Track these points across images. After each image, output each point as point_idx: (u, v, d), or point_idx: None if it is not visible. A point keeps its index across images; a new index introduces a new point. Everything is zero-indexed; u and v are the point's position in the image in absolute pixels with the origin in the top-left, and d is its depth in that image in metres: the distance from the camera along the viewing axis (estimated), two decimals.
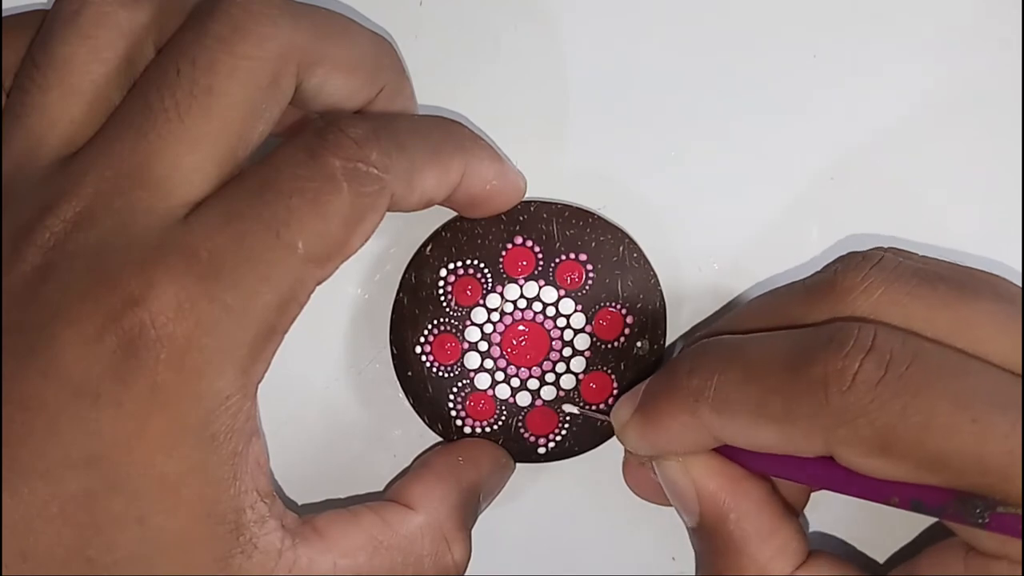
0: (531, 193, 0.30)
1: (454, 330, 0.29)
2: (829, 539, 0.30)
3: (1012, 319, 0.24)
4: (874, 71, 0.30)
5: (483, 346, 0.29)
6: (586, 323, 0.29)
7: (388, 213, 0.25)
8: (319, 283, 0.24)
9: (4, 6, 0.30)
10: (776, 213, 0.30)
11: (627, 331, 0.29)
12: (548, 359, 0.29)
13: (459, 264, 0.29)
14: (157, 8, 0.25)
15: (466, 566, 0.27)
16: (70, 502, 0.22)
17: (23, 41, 0.25)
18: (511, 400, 0.29)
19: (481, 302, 0.29)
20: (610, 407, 0.29)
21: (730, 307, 0.30)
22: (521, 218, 0.29)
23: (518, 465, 0.30)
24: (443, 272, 0.29)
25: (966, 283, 0.24)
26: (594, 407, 0.29)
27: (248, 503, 0.24)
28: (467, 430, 0.29)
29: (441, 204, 0.28)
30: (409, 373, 0.29)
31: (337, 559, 0.25)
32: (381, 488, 0.30)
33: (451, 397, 0.29)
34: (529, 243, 0.29)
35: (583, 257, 0.29)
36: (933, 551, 0.25)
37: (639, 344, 0.29)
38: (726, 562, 0.26)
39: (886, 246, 0.26)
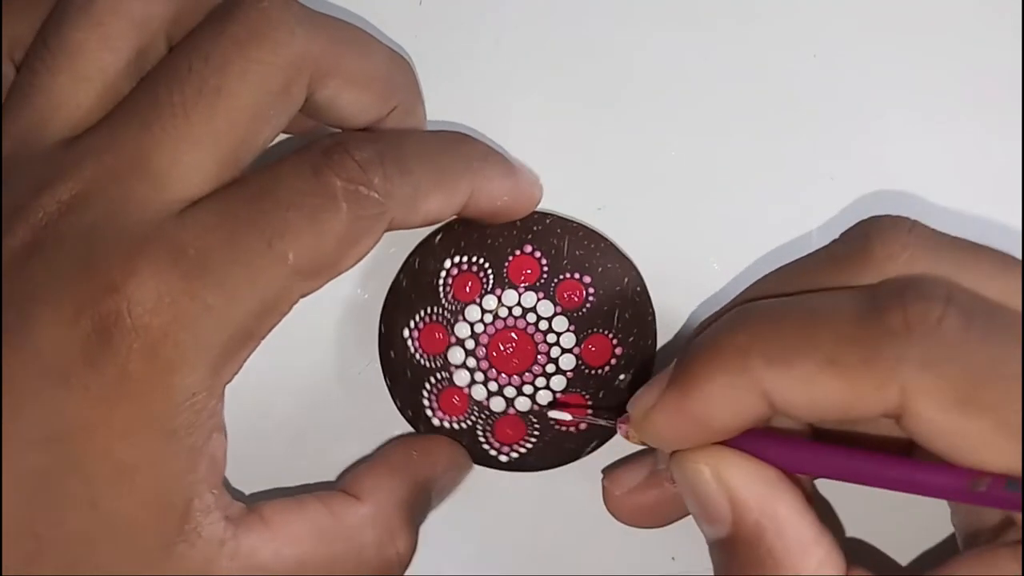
0: None
1: (445, 322, 0.29)
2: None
3: None
4: (874, 71, 0.30)
5: (470, 344, 0.29)
6: (575, 344, 0.29)
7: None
8: (304, 295, 0.25)
9: None
10: (776, 213, 0.30)
11: (613, 361, 0.29)
12: (530, 371, 0.29)
13: (464, 259, 0.29)
14: (177, 4, 0.25)
15: (410, 560, 0.28)
16: (26, 478, 0.23)
17: (36, 14, 0.25)
18: (485, 403, 0.30)
19: (477, 301, 0.29)
20: (580, 432, 0.29)
21: None
22: (535, 228, 0.29)
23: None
24: (447, 263, 0.30)
25: (1005, 256, 0.24)
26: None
27: (197, 494, 0.24)
28: (435, 422, 0.30)
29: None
30: (392, 354, 0.30)
31: (280, 547, 0.25)
32: None
33: (427, 386, 0.29)
34: (537, 254, 0.29)
35: (587, 279, 0.29)
36: (979, 555, 0.23)
37: (622, 376, 0.29)
38: None
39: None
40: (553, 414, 0.29)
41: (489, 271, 0.29)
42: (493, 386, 0.30)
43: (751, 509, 0.24)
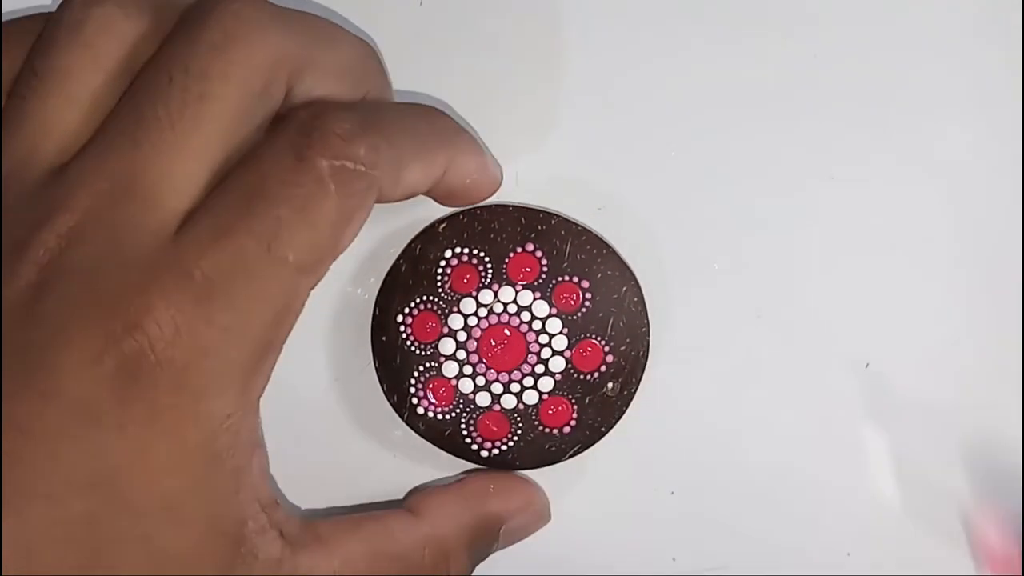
0: (526, 196, 0.30)
1: (440, 312, 0.29)
2: None
3: None
4: (874, 71, 0.30)
5: (462, 336, 0.29)
6: (567, 348, 0.29)
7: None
8: (312, 288, 0.24)
9: (4, 8, 0.29)
10: (776, 213, 0.30)
11: (603, 368, 0.29)
12: (519, 370, 0.29)
13: (465, 250, 0.29)
14: (158, 16, 0.24)
15: None
16: (74, 524, 0.22)
17: (22, 48, 0.25)
18: (471, 396, 0.29)
19: (474, 294, 0.29)
20: (565, 436, 0.29)
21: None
22: (540, 227, 0.29)
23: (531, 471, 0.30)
24: (448, 253, 0.29)
25: None
26: (550, 429, 0.29)
27: (250, 515, 0.24)
28: (420, 410, 0.30)
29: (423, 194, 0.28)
30: (384, 338, 0.29)
31: (337, 567, 0.25)
32: (380, 488, 0.30)
33: (415, 374, 0.29)
34: (539, 254, 0.29)
35: (585, 284, 0.29)
36: None
37: (610, 384, 0.29)
38: None
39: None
40: None
41: (489, 265, 0.29)
42: (481, 381, 0.30)
43: None
